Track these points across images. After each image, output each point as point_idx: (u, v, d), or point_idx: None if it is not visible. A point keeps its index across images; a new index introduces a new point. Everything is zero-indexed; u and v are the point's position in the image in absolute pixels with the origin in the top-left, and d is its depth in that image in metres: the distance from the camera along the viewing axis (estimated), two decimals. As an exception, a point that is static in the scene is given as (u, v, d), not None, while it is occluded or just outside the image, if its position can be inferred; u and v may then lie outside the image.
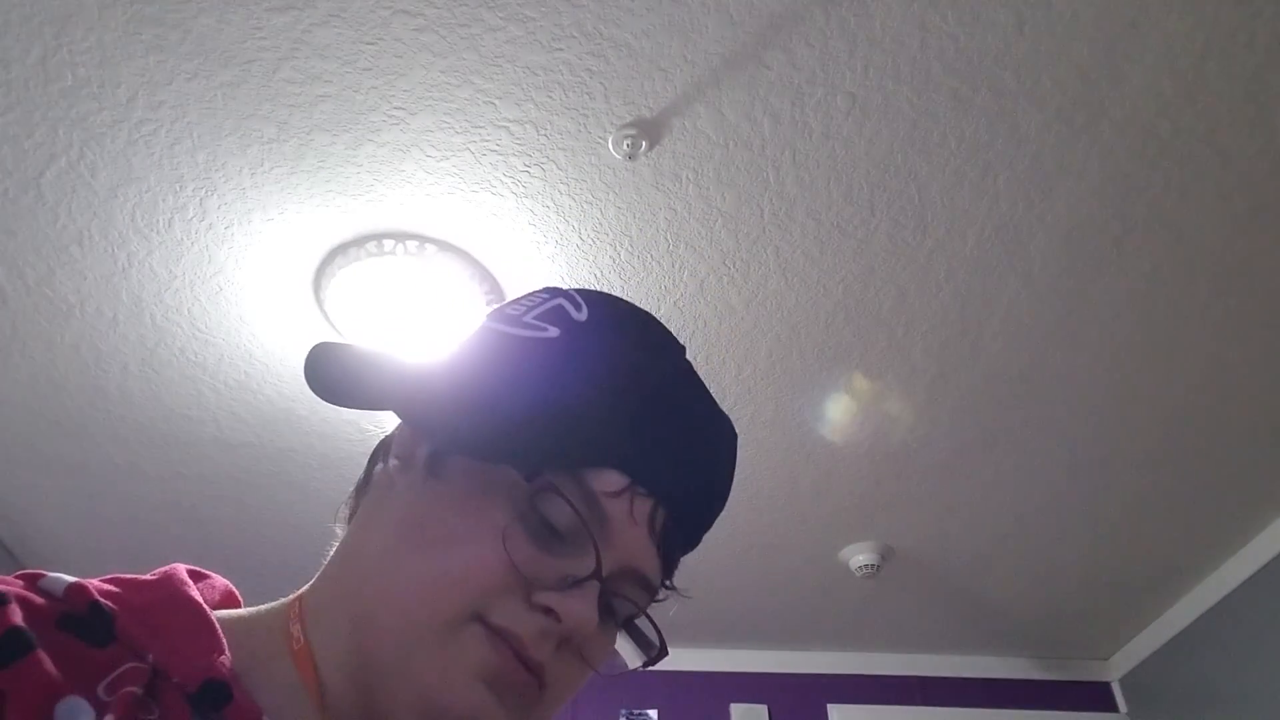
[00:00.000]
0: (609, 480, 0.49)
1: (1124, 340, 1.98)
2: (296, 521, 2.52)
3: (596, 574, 0.47)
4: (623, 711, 2.92)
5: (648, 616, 0.52)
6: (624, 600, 0.51)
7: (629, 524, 0.50)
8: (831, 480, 2.35)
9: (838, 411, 2.15)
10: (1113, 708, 3.14)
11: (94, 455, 2.27)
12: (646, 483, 0.50)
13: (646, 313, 0.58)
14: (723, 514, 0.57)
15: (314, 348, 0.51)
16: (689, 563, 0.56)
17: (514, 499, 0.48)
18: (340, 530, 0.56)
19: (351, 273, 1.77)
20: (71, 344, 1.96)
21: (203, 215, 1.71)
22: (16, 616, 0.40)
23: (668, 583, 0.55)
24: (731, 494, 0.59)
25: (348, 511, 0.56)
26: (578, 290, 0.57)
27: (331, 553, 0.55)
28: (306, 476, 2.37)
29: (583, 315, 0.55)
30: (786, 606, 2.90)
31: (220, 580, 0.55)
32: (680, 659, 3.03)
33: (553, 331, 0.54)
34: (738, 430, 0.58)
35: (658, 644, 0.53)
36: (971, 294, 1.88)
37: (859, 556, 2.61)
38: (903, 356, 2.02)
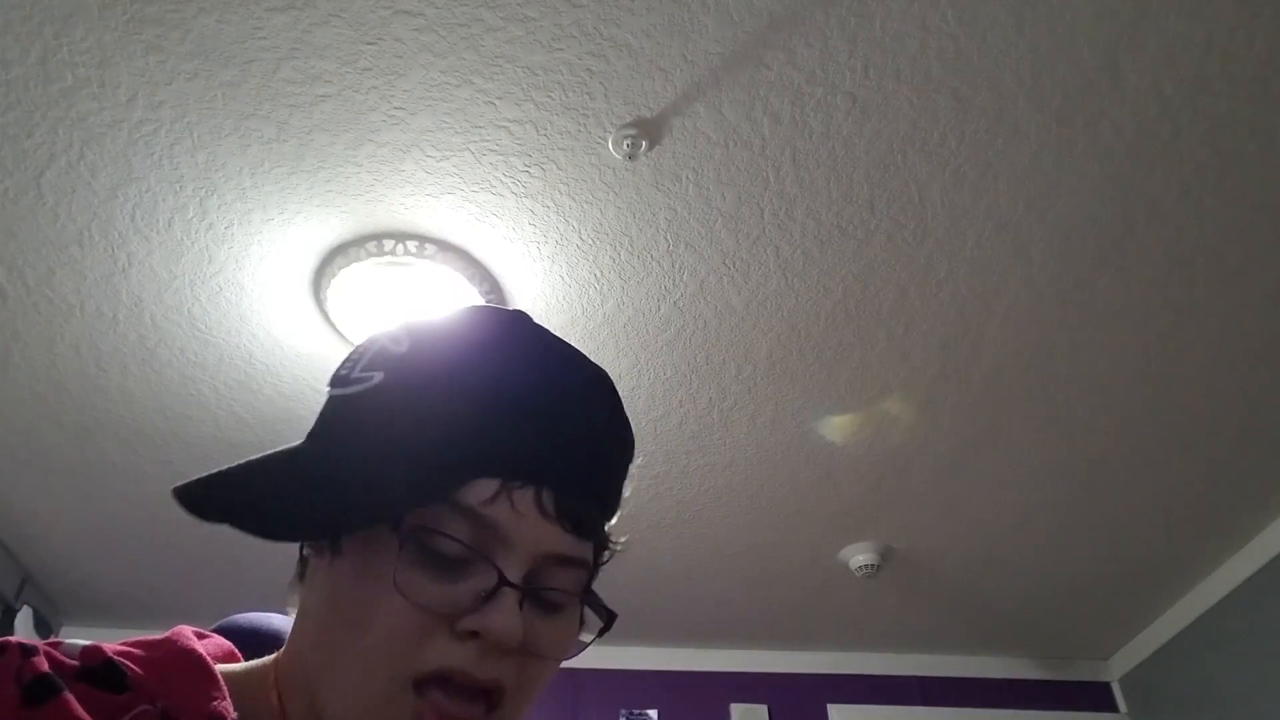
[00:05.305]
0: (480, 490, 0.49)
1: (1124, 340, 1.98)
2: (296, 521, 2.52)
3: (504, 582, 0.48)
4: (623, 712, 2.92)
5: (592, 592, 0.54)
6: (552, 590, 0.51)
7: (518, 519, 0.50)
8: (831, 480, 2.35)
9: (838, 413, 2.15)
10: (1113, 708, 3.14)
11: (94, 455, 2.27)
12: (516, 474, 0.50)
13: (474, 307, 0.58)
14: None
15: (173, 491, 0.51)
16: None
17: (397, 549, 0.49)
18: (291, 615, 0.58)
19: (351, 272, 1.77)
20: (71, 344, 1.96)
21: (203, 215, 1.71)
22: (44, 665, 0.45)
23: (610, 544, 0.56)
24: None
25: (293, 602, 0.59)
26: (402, 324, 0.57)
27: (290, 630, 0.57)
28: (306, 476, 2.37)
29: (402, 348, 0.55)
30: (786, 606, 2.89)
31: (223, 639, 0.59)
32: (680, 659, 3.03)
33: (377, 377, 0.54)
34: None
35: (605, 615, 0.55)
36: (971, 294, 1.88)
37: (859, 556, 2.61)
38: (903, 356, 2.02)
